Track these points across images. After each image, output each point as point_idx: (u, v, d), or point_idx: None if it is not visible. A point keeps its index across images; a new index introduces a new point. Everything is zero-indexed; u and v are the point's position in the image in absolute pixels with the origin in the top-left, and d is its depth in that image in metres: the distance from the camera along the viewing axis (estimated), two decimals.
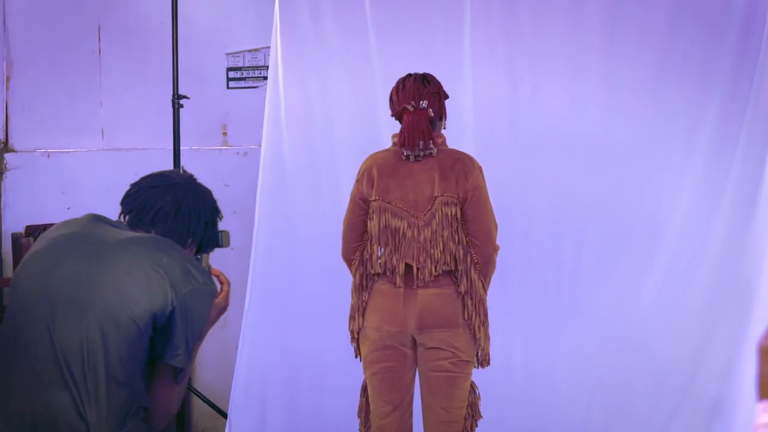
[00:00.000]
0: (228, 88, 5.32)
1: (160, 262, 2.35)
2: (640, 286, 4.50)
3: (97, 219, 2.51)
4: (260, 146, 4.82)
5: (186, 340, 2.36)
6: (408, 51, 4.59)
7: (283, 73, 4.71)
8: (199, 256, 2.62)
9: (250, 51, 5.27)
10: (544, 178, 4.55)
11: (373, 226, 3.49)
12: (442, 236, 3.42)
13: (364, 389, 3.63)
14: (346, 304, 3.67)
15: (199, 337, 2.42)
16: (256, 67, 5.26)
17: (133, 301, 2.30)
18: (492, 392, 3.88)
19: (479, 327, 3.47)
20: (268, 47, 4.90)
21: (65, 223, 2.51)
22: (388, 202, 3.47)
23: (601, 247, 4.53)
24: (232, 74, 5.30)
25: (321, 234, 4.61)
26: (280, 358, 4.74)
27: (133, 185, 2.57)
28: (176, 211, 2.51)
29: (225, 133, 5.35)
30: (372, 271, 3.51)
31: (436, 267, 3.43)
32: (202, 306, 2.40)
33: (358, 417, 3.65)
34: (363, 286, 3.55)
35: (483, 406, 3.63)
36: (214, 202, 2.62)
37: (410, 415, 3.59)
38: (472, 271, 3.45)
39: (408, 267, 3.46)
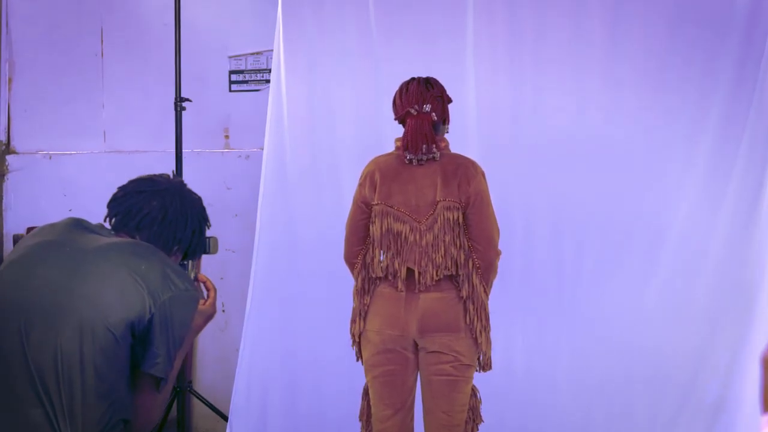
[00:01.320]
0: (230, 90, 5.32)
1: (138, 269, 2.29)
2: (642, 288, 4.50)
3: (76, 224, 2.45)
4: (262, 149, 4.82)
5: (167, 348, 2.30)
6: (411, 53, 4.59)
7: (285, 76, 4.71)
8: (185, 263, 2.56)
9: (252, 54, 5.27)
10: (546, 180, 4.54)
11: (375, 230, 3.49)
12: (444, 241, 3.42)
13: (366, 393, 3.62)
14: (347, 308, 3.67)
15: (181, 344, 2.35)
16: (259, 70, 5.26)
17: (108, 311, 2.24)
18: (493, 395, 3.88)
19: (481, 332, 3.47)
20: (271, 50, 4.90)
21: (42, 229, 2.45)
22: (391, 206, 3.47)
23: (602, 250, 4.53)
24: (234, 77, 5.30)
25: (323, 237, 4.61)
26: (281, 361, 4.74)
27: (120, 189, 2.51)
28: (163, 217, 2.45)
29: (227, 136, 5.35)
30: (374, 275, 3.51)
31: (437, 271, 3.42)
32: (182, 313, 2.33)
33: (360, 420, 3.65)
34: (365, 289, 3.55)
35: (484, 408, 3.63)
36: (202, 209, 2.56)
37: (411, 419, 3.59)
38: (474, 276, 3.45)
39: (410, 271, 3.45)
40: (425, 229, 3.44)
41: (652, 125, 4.51)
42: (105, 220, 2.51)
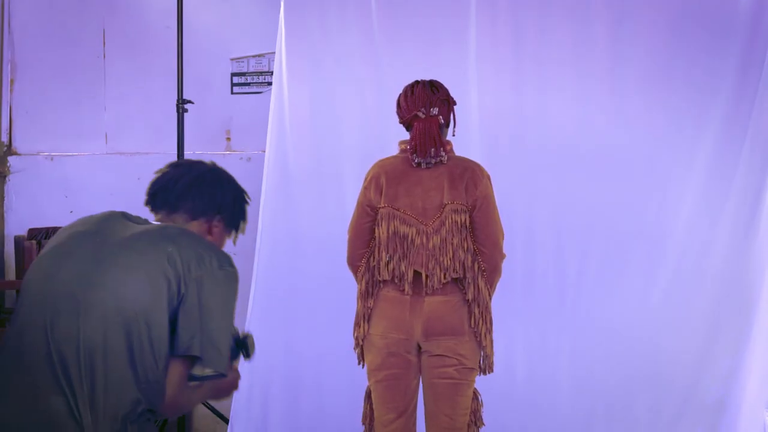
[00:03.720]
0: (232, 93, 5.32)
1: (165, 251, 2.29)
2: (644, 290, 4.51)
3: (113, 215, 2.46)
4: (264, 152, 4.81)
5: (202, 325, 2.28)
6: (413, 57, 4.58)
7: (287, 79, 4.71)
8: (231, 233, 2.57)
9: (254, 56, 5.27)
10: (548, 183, 4.55)
11: (381, 232, 3.48)
12: (452, 243, 3.41)
13: (368, 396, 3.62)
14: (348, 309, 3.66)
15: (222, 323, 2.33)
16: (261, 73, 5.26)
17: (134, 299, 2.25)
18: (495, 397, 3.87)
19: (485, 335, 3.47)
20: (273, 53, 4.90)
21: (82, 221, 2.47)
22: (397, 209, 3.46)
23: (604, 252, 4.53)
24: (236, 79, 5.30)
25: (324, 239, 4.60)
26: (283, 362, 4.74)
27: (157, 172, 2.55)
28: (200, 182, 2.49)
29: (229, 138, 5.35)
30: (379, 278, 3.50)
31: (445, 275, 3.42)
32: (218, 290, 2.32)
33: (363, 424, 3.64)
34: (368, 293, 3.54)
35: (485, 411, 3.63)
36: (237, 182, 2.58)
37: (414, 423, 3.58)
38: (480, 279, 3.45)
39: (416, 274, 3.45)
40: (432, 232, 3.43)
41: (654, 127, 4.51)
42: (146, 204, 2.53)
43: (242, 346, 2.55)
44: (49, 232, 5.24)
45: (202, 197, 2.49)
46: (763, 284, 4.42)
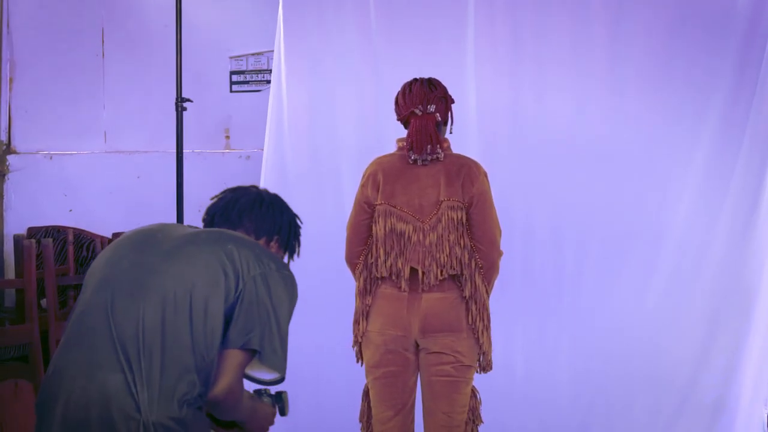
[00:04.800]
0: (231, 91, 5.33)
1: (225, 248, 2.36)
2: (642, 289, 4.51)
3: (173, 224, 2.58)
4: (262, 150, 4.82)
5: (261, 323, 2.33)
6: (411, 55, 4.59)
7: (286, 77, 4.71)
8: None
9: (253, 54, 5.28)
10: (547, 181, 4.55)
11: (378, 230, 3.49)
12: (449, 240, 3.42)
13: (366, 394, 3.62)
14: (347, 307, 3.66)
15: (279, 322, 2.37)
16: (259, 71, 5.27)
17: (193, 285, 2.31)
18: (493, 395, 3.88)
19: (483, 332, 3.47)
20: (272, 51, 4.90)
21: (143, 227, 2.56)
22: (394, 206, 3.47)
23: (602, 250, 4.54)
24: (235, 78, 5.31)
25: (323, 237, 4.60)
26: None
27: (213, 197, 2.66)
28: (261, 203, 2.59)
29: (228, 137, 5.36)
30: (377, 275, 3.51)
31: (441, 271, 3.42)
32: (276, 289, 2.37)
33: (360, 422, 3.65)
34: (367, 290, 3.55)
35: (484, 409, 3.63)
36: (290, 207, 2.68)
37: (412, 420, 3.58)
38: (477, 276, 3.45)
39: (413, 271, 3.45)
40: (429, 229, 3.44)
41: (653, 126, 4.51)
42: (203, 224, 2.63)
43: (278, 401, 2.60)
44: (48, 230, 5.25)
45: (263, 217, 2.58)
46: (761, 282, 4.42)
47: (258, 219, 2.58)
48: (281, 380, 2.43)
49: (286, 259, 2.66)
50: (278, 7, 4.76)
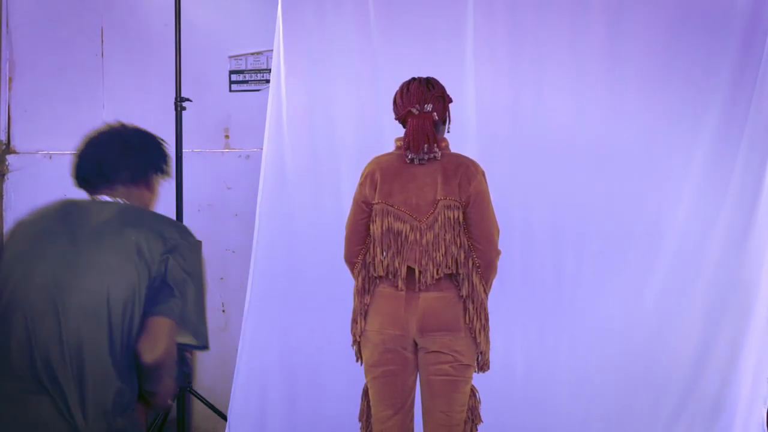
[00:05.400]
0: (230, 90, 5.32)
1: (130, 241, 2.36)
2: (641, 288, 4.52)
3: (66, 207, 2.51)
4: (262, 149, 4.82)
5: (180, 294, 2.35)
6: (411, 54, 4.59)
7: (285, 76, 4.71)
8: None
9: (252, 54, 5.27)
10: (546, 181, 4.55)
11: (375, 229, 3.49)
12: (445, 239, 3.42)
13: (365, 393, 3.62)
14: (346, 307, 3.67)
15: (196, 290, 2.39)
16: (259, 70, 5.26)
17: (107, 293, 2.30)
18: (492, 395, 3.88)
19: (480, 331, 3.47)
20: (271, 50, 4.90)
21: (39, 216, 2.52)
22: (391, 205, 3.47)
23: (602, 249, 4.54)
24: (234, 77, 5.30)
25: (321, 237, 4.61)
26: (280, 360, 4.74)
27: (76, 156, 2.61)
28: (128, 150, 2.57)
29: (227, 136, 5.35)
30: (374, 275, 3.51)
31: (438, 270, 3.43)
32: (187, 259, 2.39)
33: (359, 421, 3.65)
34: (365, 289, 3.55)
35: (483, 409, 3.63)
36: (150, 132, 2.67)
37: (411, 419, 3.59)
38: (474, 275, 3.45)
39: (410, 270, 3.46)
40: (425, 228, 3.44)
41: (652, 126, 4.51)
42: (80, 188, 2.60)
43: (183, 364, 2.58)
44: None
45: (136, 164, 2.58)
46: (760, 281, 4.43)
47: (132, 167, 2.56)
48: (203, 347, 2.41)
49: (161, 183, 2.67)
50: (277, 7, 4.76)
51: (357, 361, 3.63)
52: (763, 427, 4.45)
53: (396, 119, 3.60)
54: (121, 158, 2.56)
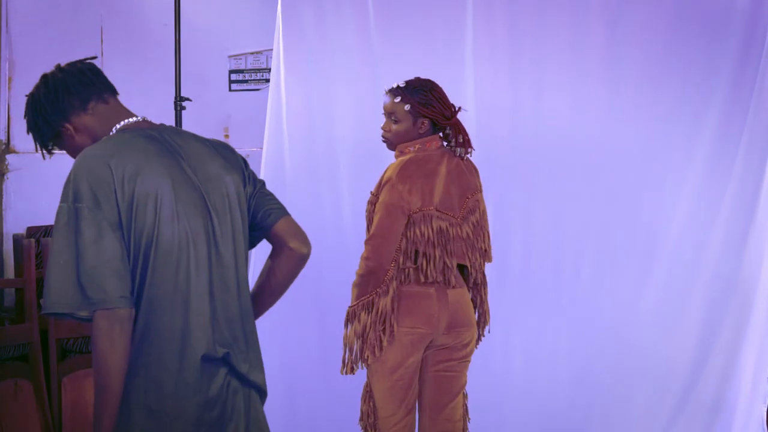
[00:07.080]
0: (230, 90, 5.33)
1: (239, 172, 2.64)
2: (640, 289, 4.52)
3: (166, 143, 2.43)
4: (262, 148, 4.82)
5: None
6: (410, 54, 4.58)
7: (285, 76, 4.71)
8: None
9: (252, 53, 5.28)
10: (545, 181, 4.55)
11: (418, 231, 3.42)
12: (483, 228, 3.53)
13: (369, 396, 3.57)
14: (345, 304, 3.65)
15: (51, 259, 2.32)
16: (259, 70, 5.27)
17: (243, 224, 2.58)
18: (492, 395, 3.88)
19: (484, 323, 3.60)
20: (271, 50, 4.90)
21: (155, 152, 2.38)
22: (432, 206, 3.45)
23: (600, 251, 4.54)
24: (234, 76, 5.31)
25: (322, 237, 4.59)
26: (279, 362, 4.74)
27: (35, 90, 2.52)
28: (80, 74, 2.51)
29: (227, 135, 5.36)
30: (411, 278, 3.45)
31: (484, 260, 3.54)
32: (55, 227, 2.35)
33: (360, 424, 3.61)
34: (394, 292, 3.46)
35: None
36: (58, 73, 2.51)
37: (415, 416, 3.60)
38: (484, 267, 3.56)
39: (447, 268, 3.46)
40: (461, 222, 3.48)
41: (651, 126, 4.52)
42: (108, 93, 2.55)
43: None
44: (48, 230, 5.24)
45: (46, 122, 2.47)
46: (759, 281, 4.43)
47: (44, 124, 2.46)
48: (67, 315, 2.29)
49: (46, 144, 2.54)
50: (277, 7, 4.76)
51: (365, 363, 3.52)
52: (763, 427, 4.45)
53: (447, 118, 3.51)
54: (40, 116, 2.46)
